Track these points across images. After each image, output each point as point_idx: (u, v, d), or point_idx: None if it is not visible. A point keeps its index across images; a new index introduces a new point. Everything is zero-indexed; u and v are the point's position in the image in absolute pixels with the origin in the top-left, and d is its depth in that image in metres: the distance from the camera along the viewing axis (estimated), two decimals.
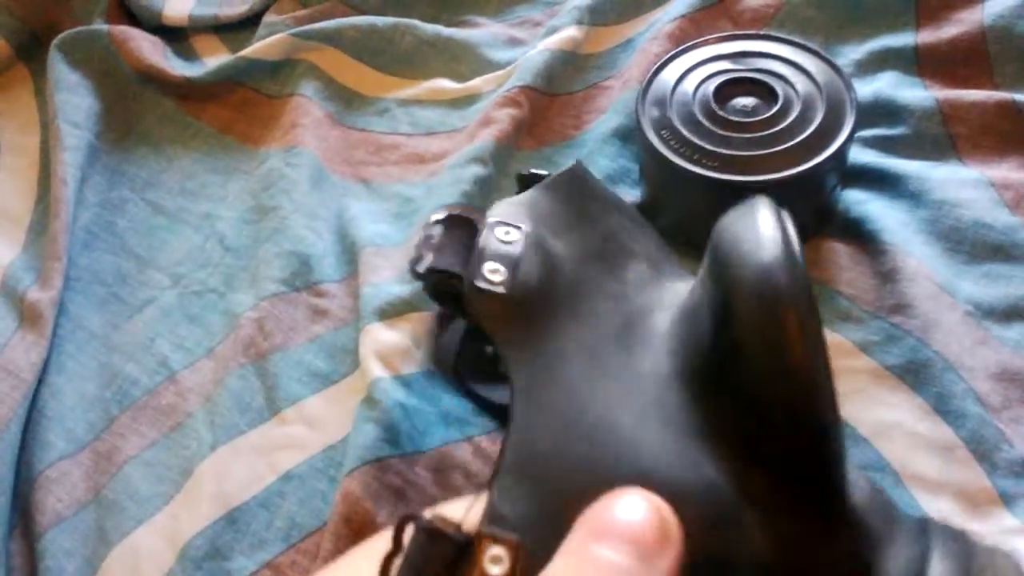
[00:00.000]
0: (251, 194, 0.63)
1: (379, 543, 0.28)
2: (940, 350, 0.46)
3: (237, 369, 0.53)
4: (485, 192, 0.59)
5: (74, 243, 0.61)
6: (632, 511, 0.24)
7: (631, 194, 0.57)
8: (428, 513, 0.26)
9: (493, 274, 0.33)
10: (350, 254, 0.58)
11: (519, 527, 0.25)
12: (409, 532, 0.26)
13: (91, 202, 0.64)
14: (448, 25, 0.72)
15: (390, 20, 0.70)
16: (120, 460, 0.52)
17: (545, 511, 0.25)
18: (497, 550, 0.24)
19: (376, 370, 0.49)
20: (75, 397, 0.55)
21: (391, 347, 0.50)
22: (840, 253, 0.52)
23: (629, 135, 0.59)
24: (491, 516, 0.25)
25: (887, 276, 0.50)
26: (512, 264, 0.34)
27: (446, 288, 0.35)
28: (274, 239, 0.59)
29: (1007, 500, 0.43)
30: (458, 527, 0.25)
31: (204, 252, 0.61)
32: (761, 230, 0.29)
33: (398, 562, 0.25)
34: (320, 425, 0.50)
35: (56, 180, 0.63)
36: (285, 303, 0.56)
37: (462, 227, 0.36)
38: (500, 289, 0.33)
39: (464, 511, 0.26)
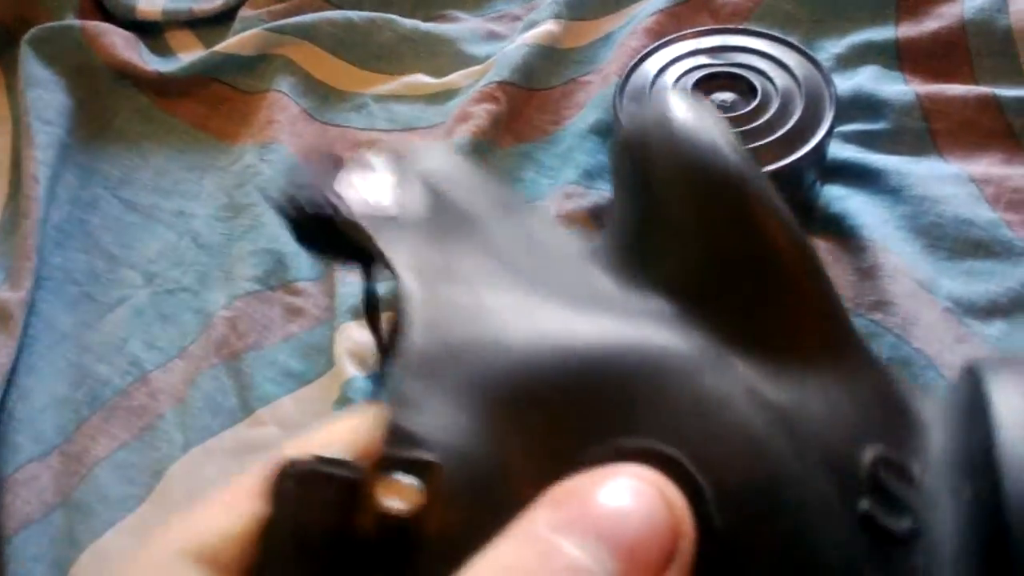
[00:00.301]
0: (225, 191, 0.62)
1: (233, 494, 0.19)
2: (920, 347, 0.46)
3: (209, 369, 0.52)
4: None
5: (45, 242, 0.60)
6: (624, 497, 0.16)
7: (609, 191, 0.56)
8: (301, 454, 0.19)
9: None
10: None
11: (438, 446, 0.18)
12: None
13: (63, 200, 0.63)
14: (426, 20, 0.71)
15: (367, 14, 0.69)
16: (90, 462, 0.51)
17: (474, 418, 0.18)
18: (403, 479, 0.17)
19: (350, 369, 0.49)
20: (45, 398, 0.54)
21: (366, 346, 0.50)
22: (819, 249, 0.51)
23: (607, 130, 0.58)
24: (396, 436, 0.18)
25: (867, 273, 0.49)
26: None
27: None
28: (248, 237, 0.58)
29: None
30: (345, 463, 0.18)
31: (178, 250, 0.60)
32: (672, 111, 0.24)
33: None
34: (293, 426, 0.49)
35: (27, 178, 0.62)
36: (259, 302, 0.55)
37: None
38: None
39: (348, 439, 0.20)
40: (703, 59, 0.53)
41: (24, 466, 0.51)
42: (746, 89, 0.52)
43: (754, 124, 0.50)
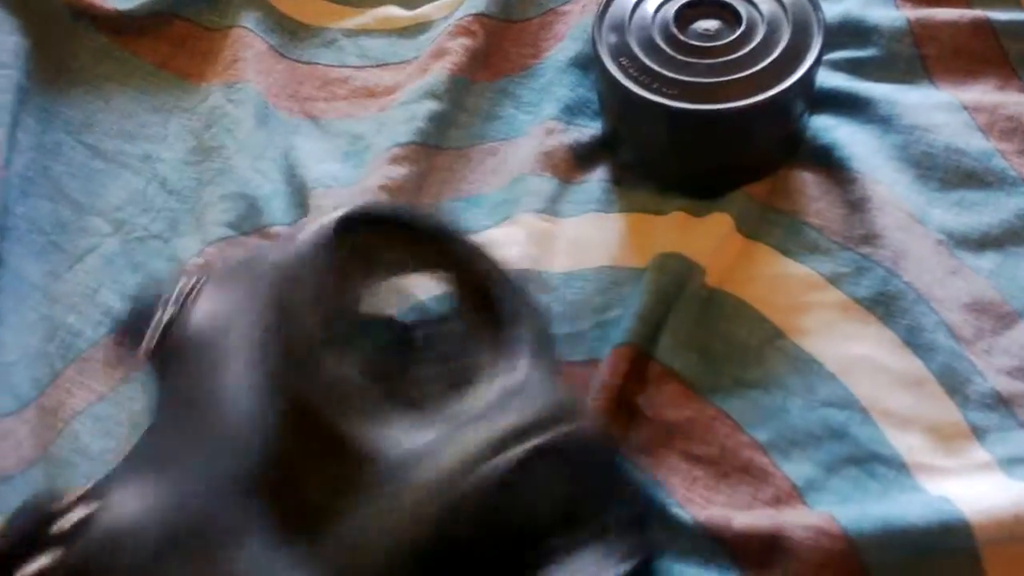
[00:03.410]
0: (193, 133, 0.60)
1: None
2: (911, 281, 0.45)
3: None
4: (441, 128, 0.56)
5: (8, 190, 0.58)
6: None
7: (591, 126, 0.54)
8: None
9: None
10: (299, 196, 0.55)
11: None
12: None
13: (24, 146, 0.61)
14: None
15: None
16: (67, 416, 0.50)
17: None
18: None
19: None
20: (17, 352, 0.53)
21: None
22: (808, 182, 0.50)
23: (588, 63, 0.56)
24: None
25: (856, 205, 0.48)
26: None
27: None
28: (218, 181, 0.56)
29: (979, 434, 0.42)
30: None
31: (146, 196, 0.58)
32: None
33: None
34: None
35: None
36: (233, 247, 0.53)
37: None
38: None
39: None
40: None
41: (0, 420, 0.50)
42: (730, 17, 0.50)
43: (739, 53, 0.48)
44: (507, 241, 0.51)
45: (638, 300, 0.47)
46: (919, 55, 0.53)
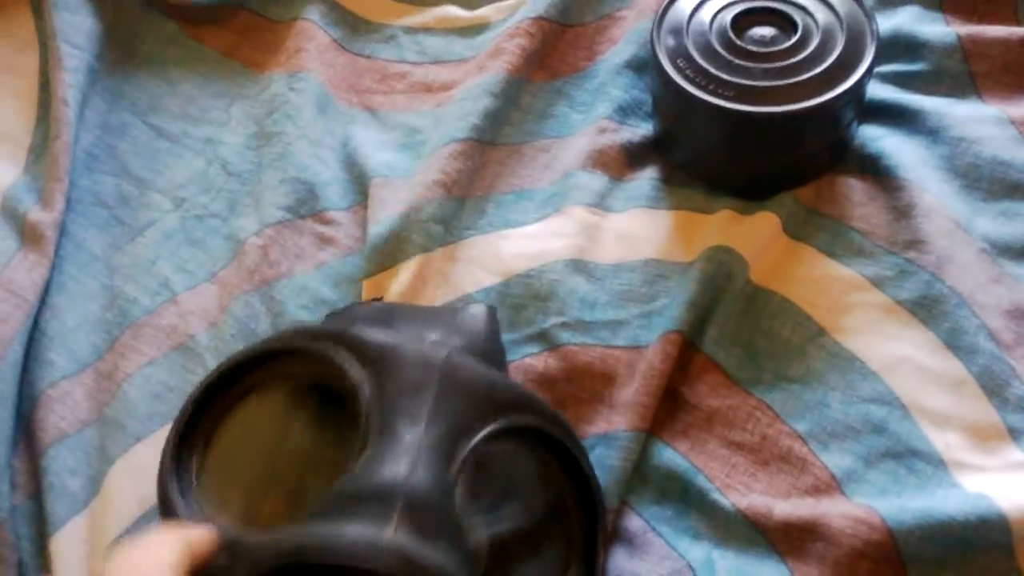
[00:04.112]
0: (254, 119, 0.61)
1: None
2: (953, 285, 0.46)
3: (242, 295, 0.53)
4: (495, 126, 0.58)
5: (75, 165, 0.60)
6: None
7: (643, 127, 0.56)
8: None
9: None
10: (357, 183, 0.57)
11: None
12: None
13: (92, 124, 0.63)
14: None
15: None
16: (119, 378, 0.51)
17: None
18: None
19: None
20: (77, 318, 0.54)
21: None
22: (855, 188, 0.51)
23: (642, 66, 0.58)
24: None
25: (902, 212, 0.49)
26: None
27: None
28: (278, 165, 0.58)
29: (1015, 435, 0.43)
30: None
31: (207, 177, 0.60)
32: None
33: None
34: None
35: (56, 101, 0.61)
36: (290, 230, 0.55)
37: None
38: None
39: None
40: None
41: (58, 383, 0.51)
42: (786, 24, 0.51)
43: (793, 60, 0.49)
44: (555, 232, 0.52)
45: (686, 289, 0.48)
46: (968, 71, 0.54)
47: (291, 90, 0.61)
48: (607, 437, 0.45)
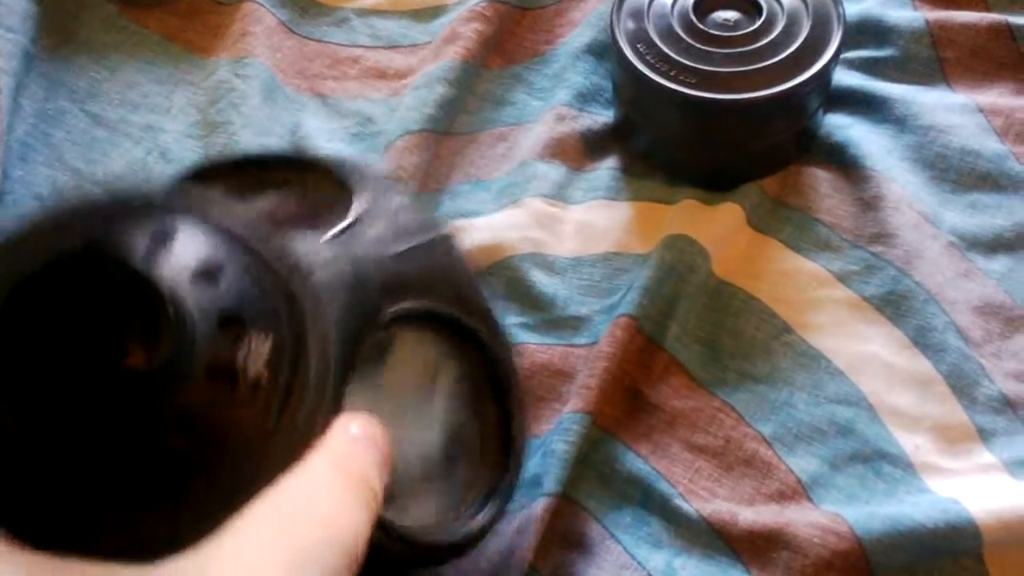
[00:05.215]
0: (198, 107, 0.59)
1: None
2: (922, 281, 0.45)
3: None
4: (451, 115, 0.55)
5: (8, 155, 0.57)
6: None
7: (603, 114, 0.54)
8: None
9: None
10: None
11: None
12: None
13: (27, 112, 0.60)
14: None
15: None
16: None
17: None
18: None
19: None
20: None
21: None
22: (820, 179, 0.50)
23: (603, 51, 0.56)
24: None
25: (869, 204, 0.47)
26: None
27: None
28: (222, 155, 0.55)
29: (984, 436, 0.41)
30: None
31: (145, 166, 0.57)
32: None
33: None
34: None
35: None
36: None
37: None
38: None
39: None
40: None
41: None
42: (750, 7, 0.49)
43: (757, 45, 0.48)
44: (511, 224, 0.50)
45: (642, 275, 0.46)
46: (937, 57, 0.52)
47: (236, 76, 0.59)
48: (556, 427, 0.43)
